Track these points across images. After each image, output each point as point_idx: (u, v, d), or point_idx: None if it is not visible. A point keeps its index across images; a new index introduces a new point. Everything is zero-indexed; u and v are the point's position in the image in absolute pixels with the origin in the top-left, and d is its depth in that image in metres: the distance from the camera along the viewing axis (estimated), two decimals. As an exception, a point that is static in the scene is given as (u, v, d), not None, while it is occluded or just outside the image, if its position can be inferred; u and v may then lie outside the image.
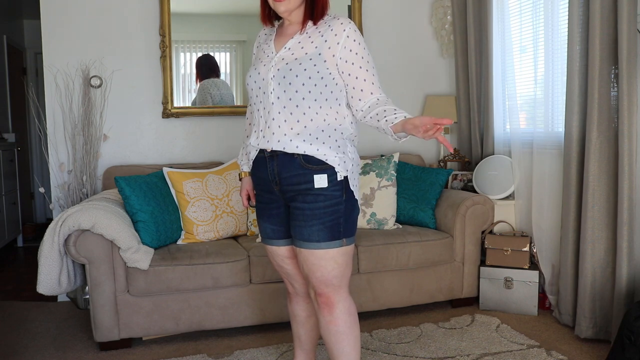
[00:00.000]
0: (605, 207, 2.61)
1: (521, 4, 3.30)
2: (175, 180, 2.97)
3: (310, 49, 1.79)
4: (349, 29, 1.78)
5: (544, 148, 3.07)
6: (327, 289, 1.86)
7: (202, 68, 3.59)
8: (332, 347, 1.90)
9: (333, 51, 1.78)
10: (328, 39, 1.78)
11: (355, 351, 1.91)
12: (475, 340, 2.72)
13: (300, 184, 1.81)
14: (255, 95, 1.87)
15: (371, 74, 1.82)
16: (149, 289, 2.64)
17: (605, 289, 2.63)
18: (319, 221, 1.80)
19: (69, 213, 2.53)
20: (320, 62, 1.77)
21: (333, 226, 1.80)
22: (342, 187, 1.81)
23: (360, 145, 3.86)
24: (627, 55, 2.42)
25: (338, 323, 1.87)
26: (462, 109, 3.79)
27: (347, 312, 1.88)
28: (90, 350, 2.70)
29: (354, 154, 1.88)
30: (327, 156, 1.79)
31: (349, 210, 1.84)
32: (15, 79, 5.69)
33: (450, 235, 3.12)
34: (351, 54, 1.79)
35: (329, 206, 1.80)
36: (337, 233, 1.81)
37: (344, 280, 1.88)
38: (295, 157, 1.80)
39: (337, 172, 1.80)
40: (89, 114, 3.35)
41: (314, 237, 1.80)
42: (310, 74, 1.77)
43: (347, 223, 1.83)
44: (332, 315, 1.87)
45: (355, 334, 1.90)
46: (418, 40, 3.98)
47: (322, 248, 1.81)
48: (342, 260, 1.85)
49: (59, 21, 3.35)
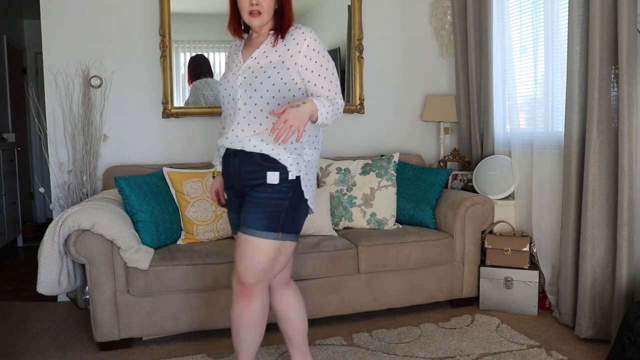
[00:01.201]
0: (605, 207, 2.61)
1: (521, 4, 3.30)
2: (175, 180, 2.97)
3: (274, 58, 1.93)
4: (309, 38, 1.92)
5: (544, 148, 3.07)
6: (251, 279, 1.93)
7: (194, 69, 3.58)
8: (239, 333, 2.01)
9: (295, 58, 1.91)
10: (291, 48, 1.92)
11: (257, 340, 2.03)
12: (475, 340, 2.72)
13: (255, 179, 1.94)
14: (227, 102, 2.03)
15: (328, 80, 1.95)
16: (149, 289, 2.64)
17: (605, 289, 2.63)
18: (260, 209, 1.91)
19: (69, 213, 2.53)
20: (283, 69, 1.91)
21: (272, 217, 1.90)
22: (291, 186, 1.94)
23: (360, 145, 3.87)
24: (627, 55, 2.42)
25: (253, 314, 1.97)
26: (462, 109, 3.79)
27: (263, 306, 1.99)
28: (90, 350, 2.70)
29: (311, 156, 1.99)
30: (281, 156, 1.92)
31: (293, 207, 1.94)
32: (15, 79, 5.69)
33: (450, 235, 3.12)
34: (310, 62, 1.92)
35: (273, 198, 1.92)
36: (275, 225, 1.90)
37: (268, 275, 1.97)
38: (254, 155, 1.94)
39: (289, 172, 1.92)
40: (89, 114, 3.35)
41: (252, 223, 1.90)
42: (273, 80, 1.90)
43: (287, 219, 1.92)
44: (248, 306, 1.97)
45: (263, 325, 2.02)
46: (418, 40, 3.98)
47: (257, 236, 1.90)
48: (274, 254, 1.93)
49: (59, 21, 3.35)
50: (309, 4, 2.09)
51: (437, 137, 4.03)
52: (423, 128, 4.04)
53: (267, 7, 1.91)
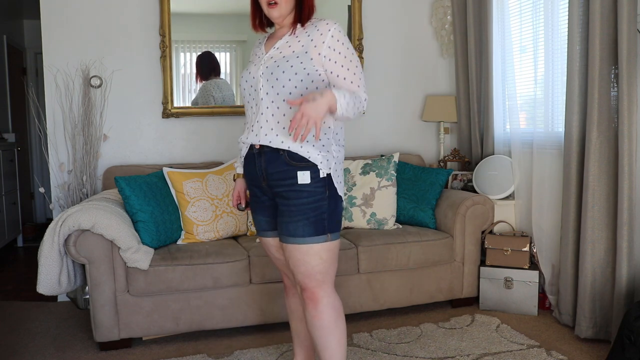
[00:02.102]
0: (605, 207, 2.61)
1: (521, 4, 3.30)
2: (175, 180, 2.97)
3: (297, 47, 1.88)
4: (334, 29, 1.87)
5: (544, 148, 3.07)
6: (311, 283, 1.89)
7: (203, 67, 3.59)
8: (318, 342, 1.93)
9: (319, 49, 1.86)
10: (314, 38, 1.87)
11: (340, 346, 1.93)
12: (475, 340, 2.72)
13: (285, 179, 1.87)
14: (248, 94, 1.97)
15: (352, 72, 1.89)
16: (149, 289, 2.64)
17: (605, 289, 2.63)
18: (303, 216, 1.85)
19: (69, 213, 2.53)
20: (306, 59, 1.86)
21: (317, 221, 1.86)
22: (324, 184, 1.87)
23: (360, 145, 3.87)
24: (627, 55, 2.42)
25: (322, 317, 1.90)
26: (462, 109, 3.79)
27: (331, 307, 1.91)
28: (90, 350, 2.70)
29: (338, 153, 1.93)
30: (310, 153, 1.85)
31: (333, 206, 1.90)
32: (15, 79, 5.69)
33: (450, 235, 3.12)
34: (334, 53, 1.87)
35: (312, 202, 1.86)
36: (322, 228, 1.87)
37: (328, 276, 1.92)
38: (281, 153, 1.87)
39: (319, 170, 1.86)
40: (89, 114, 3.35)
41: (298, 232, 1.86)
42: (296, 69, 1.85)
43: (330, 219, 1.89)
44: (316, 310, 1.90)
45: (340, 329, 1.93)
46: (418, 40, 3.98)
47: (307, 243, 1.86)
48: (326, 255, 1.89)
49: (59, 21, 3.35)
50: (309, 4, 2.07)
51: (437, 137, 4.03)
52: (423, 128, 4.04)
53: None
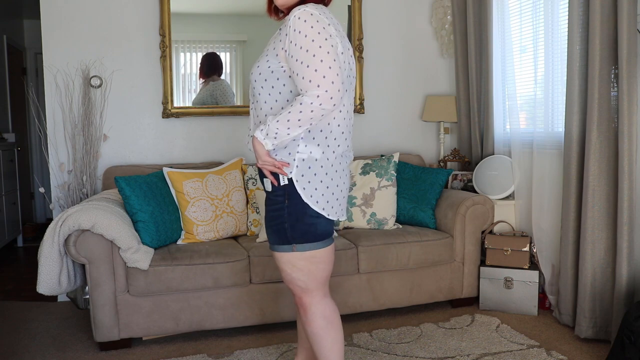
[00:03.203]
0: (605, 207, 2.61)
1: (521, 4, 3.30)
2: (175, 180, 2.97)
3: (270, 45, 1.78)
4: (294, 17, 1.64)
5: (544, 148, 3.07)
6: (295, 290, 1.86)
7: (206, 68, 3.59)
8: (312, 346, 1.92)
9: (283, 44, 1.69)
10: (282, 32, 1.71)
11: (333, 353, 1.87)
12: (475, 340, 2.72)
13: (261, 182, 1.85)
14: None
15: (305, 65, 1.63)
16: (149, 289, 2.64)
17: (605, 289, 2.63)
18: (268, 224, 1.82)
19: (69, 213, 2.53)
20: (272, 57, 1.72)
21: (279, 231, 1.78)
22: (284, 192, 1.75)
23: (360, 145, 3.87)
24: (627, 55, 2.42)
25: (312, 325, 1.86)
26: (462, 109, 3.79)
27: (320, 316, 1.85)
28: (90, 350, 2.70)
29: (307, 155, 1.73)
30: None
31: (295, 216, 1.74)
32: (15, 79, 5.69)
33: (450, 235, 3.12)
34: (295, 48, 1.65)
35: (272, 210, 1.79)
36: (284, 238, 1.77)
37: (312, 284, 1.83)
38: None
39: (279, 176, 1.74)
40: (89, 114, 3.35)
41: (269, 238, 1.85)
42: (261, 70, 1.75)
43: (293, 229, 1.75)
44: (306, 317, 1.87)
45: (331, 336, 1.86)
46: (418, 40, 3.98)
47: (276, 251, 1.83)
48: (300, 264, 1.79)
49: (59, 21, 3.36)
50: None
51: (437, 137, 4.03)
52: (423, 128, 4.04)
53: None
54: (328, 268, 1.86)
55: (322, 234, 1.80)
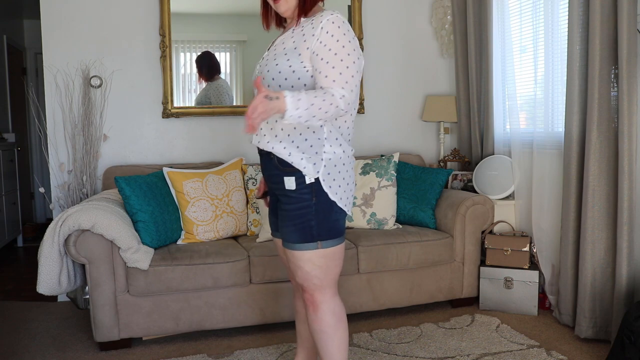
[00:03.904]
0: (605, 207, 2.61)
1: (521, 4, 3.30)
2: (175, 180, 2.97)
3: (288, 44, 1.79)
4: (327, 20, 1.71)
5: (544, 148, 3.07)
6: (309, 287, 1.86)
7: (203, 68, 3.59)
8: (318, 345, 1.92)
9: (308, 44, 1.73)
10: (306, 33, 1.75)
11: (340, 351, 1.90)
12: (475, 340, 2.72)
13: (277, 183, 1.84)
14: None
15: (331, 66, 1.70)
16: (149, 289, 2.64)
17: (605, 289, 2.63)
18: (291, 222, 1.81)
19: (69, 213, 2.53)
20: (294, 56, 1.75)
21: (304, 228, 1.79)
22: (311, 190, 1.78)
23: (360, 145, 3.87)
24: (627, 55, 2.42)
25: (321, 323, 1.87)
26: (462, 109, 3.79)
27: (331, 313, 1.88)
28: (90, 350, 2.70)
29: (333, 155, 1.80)
30: (293, 158, 1.77)
31: (323, 214, 1.80)
32: (15, 79, 5.69)
33: (450, 235, 3.12)
34: (324, 49, 1.71)
35: (298, 209, 1.80)
36: (309, 236, 1.80)
37: (326, 281, 1.86)
38: (272, 157, 1.82)
39: (305, 176, 1.77)
40: (89, 114, 3.35)
41: (288, 237, 1.83)
42: (280, 68, 1.75)
43: (320, 226, 1.80)
44: (316, 315, 1.88)
45: (339, 334, 1.89)
46: (418, 40, 3.98)
47: (297, 249, 1.82)
48: (321, 262, 1.83)
49: (59, 21, 3.36)
50: (309, 4, 2.05)
51: (437, 137, 4.03)
52: (423, 128, 4.04)
53: None
54: (342, 264, 1.92)
55: (342, 230, 1.88)
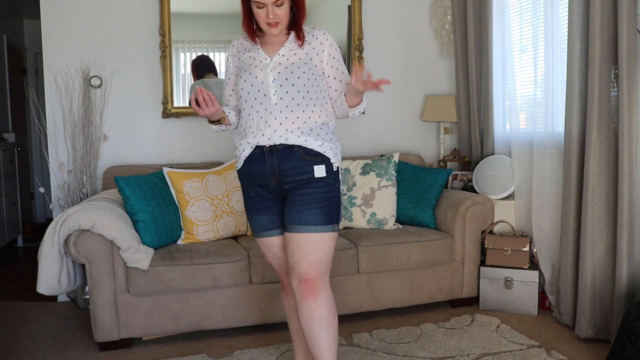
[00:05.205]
0: (605, 207, 2.61)
1: (521, 4, 3.30)
2: (175, 180, 2.97)
3: (302, 55, 2.03)
4: (331, 38, 2.09)
5: (544, 148, 3.07)
6: (314, 274, 1.95)
7: (201, 68, 3.58)
8: (315, 335, 1.95)
9: (321, 57, 2.06)
10: (316, 47, 2.05)
11: (336, 340, 1.98)
12: (475, 340, 2.72)
13: (301, 174, 1.98)
14: (254, 98, 2.01)
15: (345, 76, 2.12)
16: (149, 289, 2.64)
17: (605, 289, 2.63)
18: (317, 205, 1.96)
19: (69, 213, 2.53)
20: (312, 66, 2.03)
21: (329, 211, 1.98)
22: (336, 176, 2.03)
23: (360, 145, 3.87)
24: (627, 55, 2.42)
25: (322, 309, 1.95)
26: (462, 109, 3.79)
27: (330, 300, 1.98)
28: (90, 350, 2.70)
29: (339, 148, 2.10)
30: (324, 148, 2.00)
31: (339, 197, 2.05)
32: (15, 79, 5.69)
33: (450, 235, 3.12)
34: (333, 60, 2.09)
35: (327, 192, 1.99)
36: (332, 218, 1.99)
37: (328, 268, 2.00)
38: (296, 150, 1.97)
39: (332, 163, 2.01)
40: (89, 114, 3.35)
41: (311, 220, 1.95)
42: (308, 75, 2.00)
43: (339, 209, 2.03)
44: (316, 302, 1.94)
45: (336, 322, 1.99)
46: (418, 40, 3.98)
47: (318, 232, 1.95)
48: (332, 245, 2.00)
49: (59, 21, 3.35)
50: (309, 4, 2.08)
51: (437, 137, 4.03)
52: (423, 128, 4.04)
53: (284, 16, 1.96)
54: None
55: None
